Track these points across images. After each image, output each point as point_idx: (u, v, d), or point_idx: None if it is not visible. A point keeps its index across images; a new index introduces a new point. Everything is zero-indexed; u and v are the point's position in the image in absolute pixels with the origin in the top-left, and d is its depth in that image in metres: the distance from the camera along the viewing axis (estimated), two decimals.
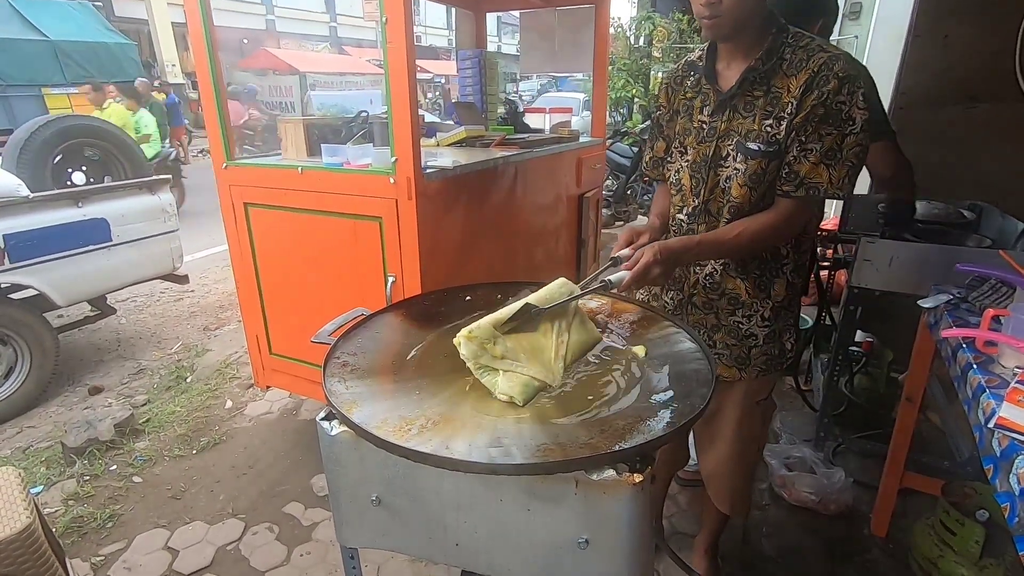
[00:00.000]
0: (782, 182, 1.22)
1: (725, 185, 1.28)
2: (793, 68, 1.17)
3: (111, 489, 2.28)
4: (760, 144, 1.21)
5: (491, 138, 2.70)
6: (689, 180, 1.34)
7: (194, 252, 5.16)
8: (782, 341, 1.40)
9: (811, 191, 1.19)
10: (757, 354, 1.39)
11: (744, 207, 1.26)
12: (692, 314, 1.42)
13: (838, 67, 1.13)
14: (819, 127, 1.16)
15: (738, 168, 1.25)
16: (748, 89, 1.22)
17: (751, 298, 1.35)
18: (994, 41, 2.44)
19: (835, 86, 1.13)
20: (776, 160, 1.21)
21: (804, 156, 1.18)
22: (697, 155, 1.31)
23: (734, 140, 1.24)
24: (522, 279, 1.43)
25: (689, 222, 1.36)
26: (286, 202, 2.12)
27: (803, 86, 1.15)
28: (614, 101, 9.57)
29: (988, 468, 1.01)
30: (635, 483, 0.80)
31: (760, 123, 1.21)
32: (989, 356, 1.22)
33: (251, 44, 17.26)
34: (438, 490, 0.90)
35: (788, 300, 1.38)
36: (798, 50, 1.18)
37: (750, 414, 1.46)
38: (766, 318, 1.36)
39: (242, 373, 3.19)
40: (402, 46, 1.71)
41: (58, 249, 2.83)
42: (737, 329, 1.38)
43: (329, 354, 1.08)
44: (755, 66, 1.19)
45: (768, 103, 1.20)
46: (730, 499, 1.60)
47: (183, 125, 11.58)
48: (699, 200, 1.32)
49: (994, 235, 2.12)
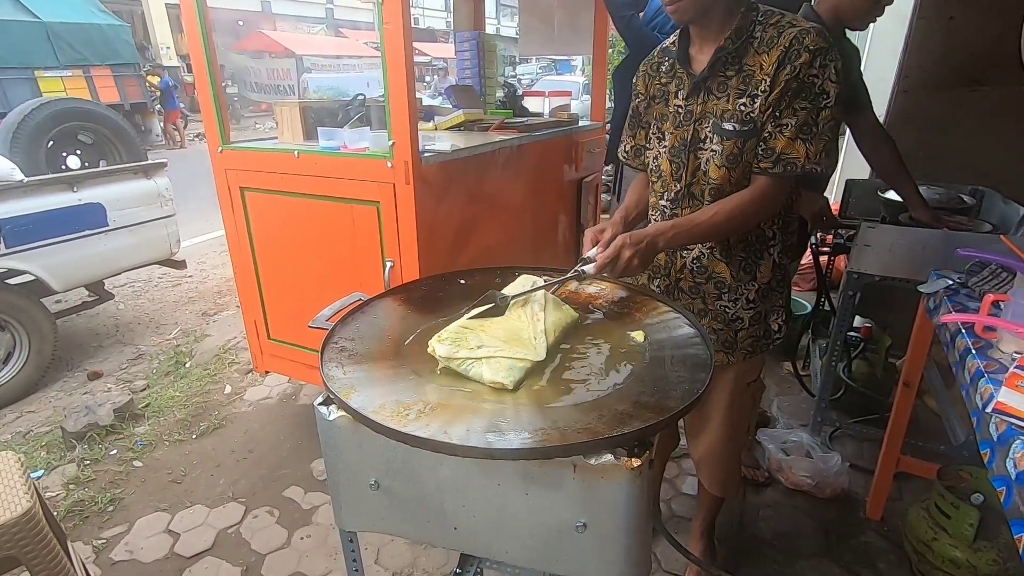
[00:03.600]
0: (759, 159, 1.21)
1: (705, 167, 1.27)
2: (764, 45, 1.16)
3: (111, 473, 2.29)
4: (735, 124, 1.20)
5: (490, 122, 2.68)
6: (669, 165, 1.33)
7: (192, 237, 5.14)
8: (768, 322, 1.40)
9: (788, 167, 1.18)
10: (744, 336, 1.39)
11: (724, 188, 1.25)
12: (679, 299, 1.41)
13: (809, 40, 1.12)
14: (793, 101, 1.15)
15: (715, 149, 1.24)
16: (720, 70, 1.21)
17: (736, 281, 1.34)
18: (998, 24, 2.41)
19: (807, 59, 1.12)
20: (752, 139, 1.20)
21: (779, 131, 1.17)
22: (675, 139, 1.30)
23: (710, 122, 1.24)
24: (521, 264, 1.42)
25: (672, 207, 1.35)
26: (283, 186, 2.11)
27: (776, 63, 1.14)
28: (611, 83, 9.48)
29: (985, 452, 1.02)
30: (633, 467, 0.80)
31: (734, 103, 1.20)
32: (988, 341, 1.22)
33: (247, 26, 17.04)
34: (436, 474, 0.90)
35: (775, 281, 1.37)
36: (768, 27, 1.17)
37: (740, 397, 1.47)
38: (751, 300, 1.36)
39: (241, 358, 3.19)
40: (399, 27, 1.68)
41: (54, 234, 2.82)
42: (724, 313, 1.38)
43: (326, 339, 1.07)
44: (725, 46, 1.18)
45: (741, 82, 1.19)
46: (722, 481, 1.61)
47: (178, 109, 11.48)
48: (681, 184, 1.31)
49: (995, 220, 2.12)
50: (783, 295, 1.43)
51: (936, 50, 2.55)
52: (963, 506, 1.59)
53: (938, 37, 2.54)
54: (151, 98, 10.80)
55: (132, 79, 9.85)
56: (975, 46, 2.46)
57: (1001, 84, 2.47)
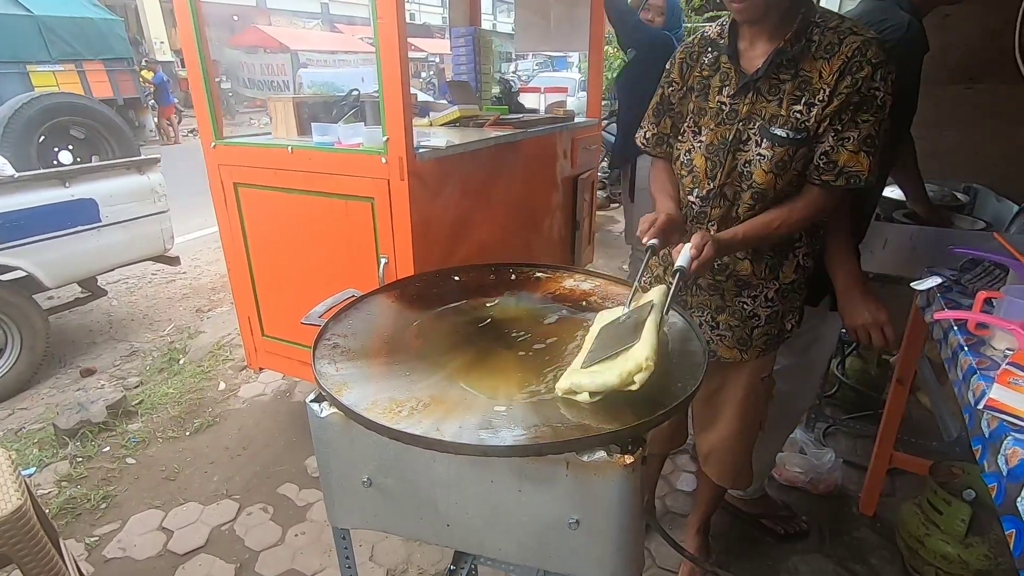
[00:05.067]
0: (820, 171, 1.18)
1: (744, 169, 1.24)
2: (823, 52, 1.13)
3: (104, 470, 2.28)
4: (788, 131, 1.16)
5: (485, 118, 2.67)
6: (704, 163, 1.29)
7: (186, 233, 5.11)
8: (783, 322, 1.40)
9: (851, 180, 1.16)
10: (759, 334, 1.38)
11: (768, 193, 1.23)
12: (696, 295, 1.40)
13: (871, 53, 1.10)
14: (855, 115, 1.13)
15: (763, 154, 1.20)
16: (775, 72, 1.17)
17: (757, 279, 1.33)
18: (994, 22, 2.41)
19: (868, 72, 1.10)
20: (804, 147, 1.17)
21: (842, 145, 1.15)
22: (715, 137, 1.26)
23: (757, 124, 1.20)
24: (516, 260, 1.42)
25: (702, 205, 1.31)
26: (276, 182, 2.09)
27: (837, 73, 1.11)
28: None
29: (977, 449, 1.02)
30: (626, 464, 0.80)
31: (788, 108, 1.16)
32: (980, 338, 1.22)
33: (241, 21, 16.93)
34: (429, 472, 0.90)
35: (796, 283, 1.36)
36: (827, 31, 1.13)
37: (754, 392, 1.47)
38: (770, 299, 1.35)
39: (235, 355, 3.18)
40: (393, 22, 1.67)
41: (46, 230, 2.79)
42: (741, 310, 1.37)
43: (319, 336, 1.07)
44: (784, 48, 1.14)
45: (796, 87, 1.16)
46: (732, 474, 1.60)
47: (172, 104, 11.40)
48: (715, 184, 1.28)
49: (988, 217, 2.12)
50: (801, 296, 1.41)
51: (933, 47, 2.54)
52: (955, 502, 1.60)
53: (934, 34, 2.53)
54: (145, 93, 10.73)
55: (126, 74, 9.78)
56: (970, 43, 2.46)
57: (996, 81, 2.47)
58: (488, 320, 1.18)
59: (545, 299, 1.28)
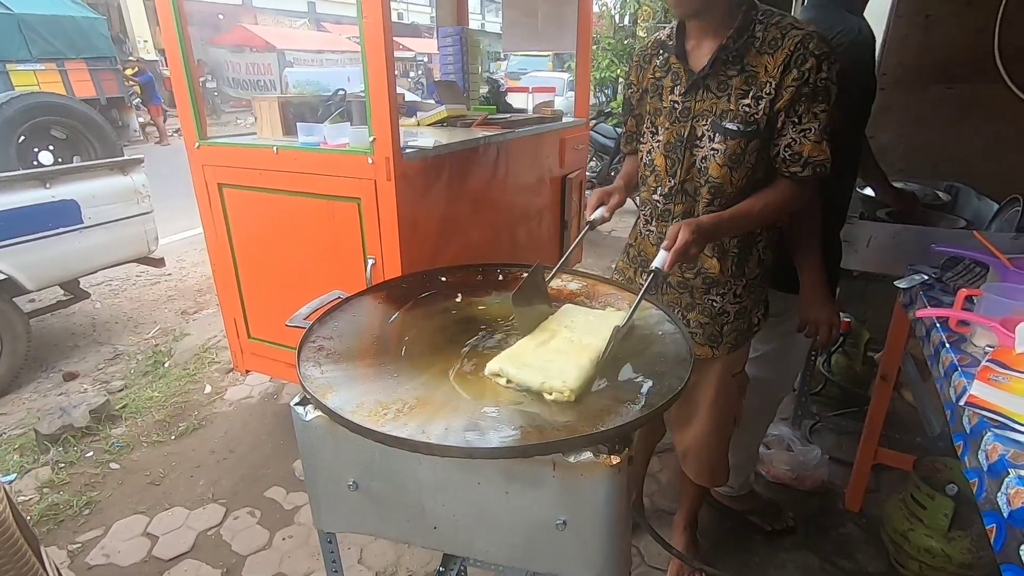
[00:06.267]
0: (787, 164, 1.22)
1: (701, 165, 1.27)
2: (767, 46, 1.17)
3: (87, 476, 2.25)
4: (738, 124, 1.20)
5: (473, 118, 2.66)
6: (664, 161, 1.33)
7: (172, 234, 5.05)
8: (751, 316, 1.42)
9: (818, 168, 1.20)
10: (728, 330, 1.41)
11: (725, 187, 1.26)
12: (667, 293, 1.43)
13: (813, 45, 1.13)
14: (811, 106, 1.16)
15: (716, 148, 1.24)
16: (721, 68, 1.21)
17: (725, 276, 1.36)
18: (974, 22, 2.45)
19: (813, 64, 1.13)
20: (756, 139, 1.21)
21: (804, 136, 1.18)
22: (671, 135, 1.30)
23: (709, 120, 1.24)
24: (504, 260, 1.42)
25: (665, 202, 1.35)
26: (262, 183, 2.07)
27: (782, 66, 1.15)
28: (598, 81, 9.50)
29: (958, 445, 1.03)
30: (612, 465, 0.80)
31: (737, 103, 1.20)
32: (962, 335, 1.24)
33: (227, 20, 16.74)
34: (415, 474, 0.90)
35: (759, 276, 1.40)
36: (770, 27, 1.17)
37: (726, 388, 1.48)
38: (738, 295, 1.38)
39: (221, 357, 3.14)
40: (378, 21, 1.66)
41: (26, 232, 2.74)
42: (711, 307, 1.39)
43: (304, 338, 1.06)
44: (727, 44, 1.18)
45: (743, 82, 1.19)
46: (710, 472, 1.62)
47: (159, 104, 11.25)
48: (675, 180, 1.32)
49: (969, 216, 2.16)
50: (764, 290, 1.45)
51: (913, 47, 2.58)
52: (938, 497, 1.62)
53: (916, 34, 2.57)
54: (129, 92, 10.57)
55: (108, 73, 9.63)
56: (951, 44, 2.49)
57: (977, 81, 2.51)
58: (475, 321, 1.18)
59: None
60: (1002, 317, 1.14)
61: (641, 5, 9.94)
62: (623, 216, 6.10)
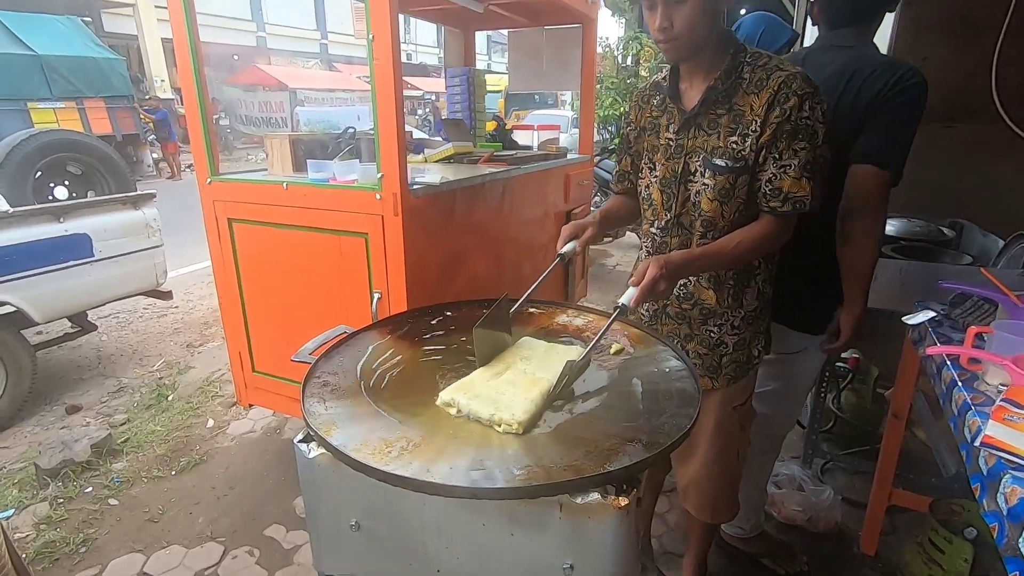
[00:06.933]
0: (767, 199, 1.24)
1: (695, 199, 1.31)
2: (753, 87, 1.21)
3: (85, 512, 2.21)
4: (727, 160, 1.24)
5: (479, 155, 2.71)
6: (660, 195, 1.37)
7: (180, 267, 5.10)
8: (750, 348, 1.42)
9: (797, 204, 1.22)
10: (727, 362, 1.40)
11: (717, 221, 1.29)
12: (666, 324, 1.43)
13: (796, 85, 1.17)
14: (791, 143, 1.19)
15: (707, 183, 1.28)
16: (711, 107, 1.26)
17: (722, 308, 1.36)
18: (970, 64, 2.50)
19: (796, 103, 1.17)
20: (744, 175, 1.24)
21: (784, 172, 1.21)
22: (666, 171, 1.34)
23: (700, 156, 1.28)
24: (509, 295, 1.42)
25: (662, 235, 1.38)
26: (271, 218, 2.10)
27: (766, 104, 1.18)
28: (602, 119, 9.68)
29: (976, 487, 1.01)
30: (621, 507, 0.78)
31: (725, 140, 1.24)
32: (974, 373, 1.22)
33: (242, 60, 17.30)
34: (419, 515, 0.88)
35: (758, 309, 1.40)
36: (757, 69, 1.22)
37: (727, 421, 1.46)
38: (736, 326, 1.38)
39: (225, 391, 3.13)
40: (388, 63, 1.71)
41: (38, 265, 2.78)
42: (709, 338, 1.39)
43: (309, 374, 1.06)
44: (715, 85, 1.23)
45: (731, 120, 1.23)
46: (711, 506, 1.57)
47: (174, 140, 11.53)
48: (671, 214, 1.35)
49: (975, 252, 2.15)
50: (765, 322, 1.45)
51: None
52: (957, 540, 1.57)
53: None
54: (144, 129, 10.86)
55: (125, 110, 9.92)
56: (948, 85, 2.54)
57: (974, 121, 2.55)
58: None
59: (538, 335, 1.28)
60: (1014, 355, 1.13)
61: (643, 46, 10.22)
62: (628, 250, 6.14)
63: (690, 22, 1.15)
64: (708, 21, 1.17)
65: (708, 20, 1.17)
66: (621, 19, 11.00)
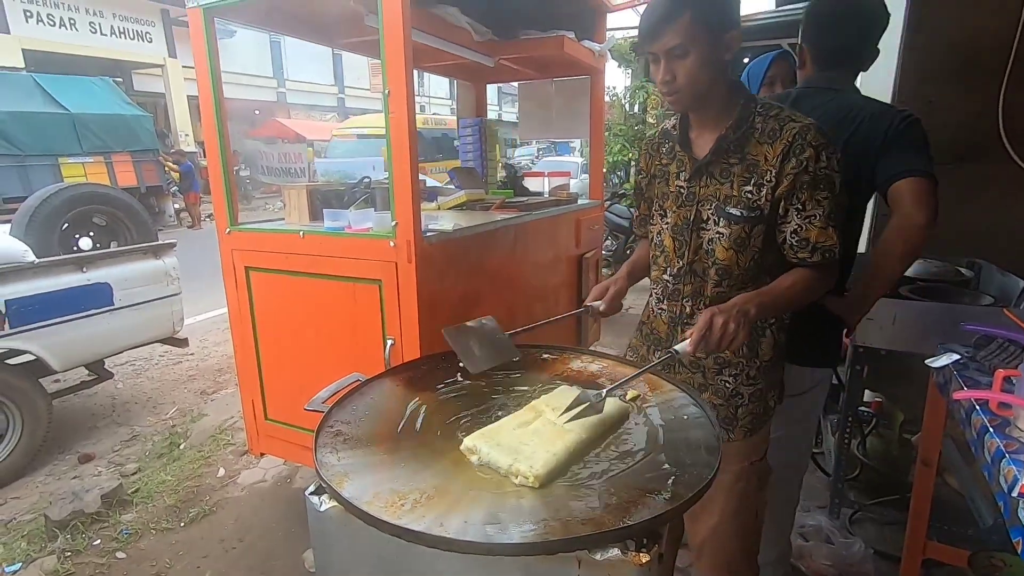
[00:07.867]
0: (795, 250, 1.24)
1: (708, 247, 1.31)
2: (766, 136, 1.22)
3: (92, 566, 2.17)
4: (742, 210, 1.24)
5: (491, 201, 2.76)
6: (672, 243, 1.37)
7: (197, 314, 5.17)
8: (766, 399, 1.38)
9: (826, 254, 1.22)
10: (744, 413, 1.36)
11: (732, 269, 1.29)
12: (680, 373, 1.39)
13: (810, 136, 1.19)
14: (814, 194, 1.20)
15: (721, 232, 1.28)
16: (722, 156, 1.27)
17: (738, 358, 1.34)
18: (975, 105, 2.53)
19: (812, 154, 1.18)
20: (760, 224, 1.24)
21: (809, 223, 1.21)
22: (678, 218, 1.35)
23: (713, 205, 1.28)
24: (522, 341, 1.41)
25: (675, 282, 1.38)
26: (287, 266, 2.14)
27: (780, 155, 1.19)
28: (611, 165, 9.85)
29: (1017, 541, 0.96)
30: (642, 563, 0.75)
31: (739, 189, 1.25)
32: (1005, 419, 1.18)
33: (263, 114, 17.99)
34: (433, 569, 0.85)
35: (773, 359, 1.37)
36: (769, 119, 1.23)
37: (744, 477, 1.40)
38: (752, 376, 1.35)
39: (237, 439, 3.11)
40: (403, 116, 1.77)
41: (59, 314, 2.83)
42: (724, 388, 1.36)
43: (322, 423, 1.05)
44: (727, 135, 1.24)
45: (745, 170, 1.24)
46: (727, 568, 1.49)
47: (197, 191, 11.92)
48: (684, 261, 1.35)
49: (995, 292, 2.12)
50: (779, 372, 1.42)
51: None
52: None
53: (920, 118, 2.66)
54: (167, 181, 11.26)
55: (150, 163, 10.34)
56: (954, 126, 2.56)
57: (982, 161, 2.55)
58: (494, 403, 1.16)
59: (552, 381, 1.27)
60: None
61: (650, 95, 10.48)
62: (640, 294, 6.13)
63: (692, 75, 1.18)
64: (710, 73, 1.19)
65: (710, 72, 1.19)
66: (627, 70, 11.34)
